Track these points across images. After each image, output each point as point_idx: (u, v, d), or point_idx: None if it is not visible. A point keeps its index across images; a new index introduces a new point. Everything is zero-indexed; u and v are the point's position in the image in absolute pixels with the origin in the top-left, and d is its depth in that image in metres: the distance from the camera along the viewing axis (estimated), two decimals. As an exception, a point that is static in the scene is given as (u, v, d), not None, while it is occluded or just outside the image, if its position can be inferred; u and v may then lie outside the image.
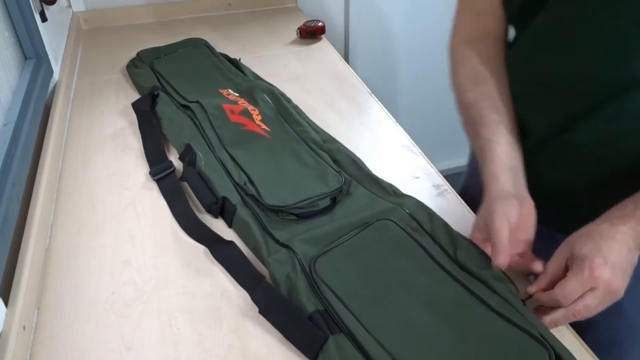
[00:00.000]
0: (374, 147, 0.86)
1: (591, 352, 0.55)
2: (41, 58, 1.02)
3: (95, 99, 1.01)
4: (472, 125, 0.67)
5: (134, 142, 0.88)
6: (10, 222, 0.65)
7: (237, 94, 0.97)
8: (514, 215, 0.57)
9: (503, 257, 0.55)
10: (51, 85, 1.03)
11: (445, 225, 0.66)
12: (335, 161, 0.79)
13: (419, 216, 0.67)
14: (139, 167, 0.82)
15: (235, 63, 1.10)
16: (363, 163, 0.78)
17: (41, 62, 1.01)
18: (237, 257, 0.64)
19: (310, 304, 0.56)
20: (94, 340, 0.56)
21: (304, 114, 0.92)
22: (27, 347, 0.55)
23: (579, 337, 0.56)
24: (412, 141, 0.87)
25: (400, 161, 0.83)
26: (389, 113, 0.95)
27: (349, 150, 0.81)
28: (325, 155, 0.79)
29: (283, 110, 0.91)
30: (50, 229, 0.71)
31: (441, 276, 0.59)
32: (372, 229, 0.65)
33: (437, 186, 0.77)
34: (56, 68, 1.07)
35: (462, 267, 0.60)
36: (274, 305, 0.58)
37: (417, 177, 0.79)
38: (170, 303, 0.60)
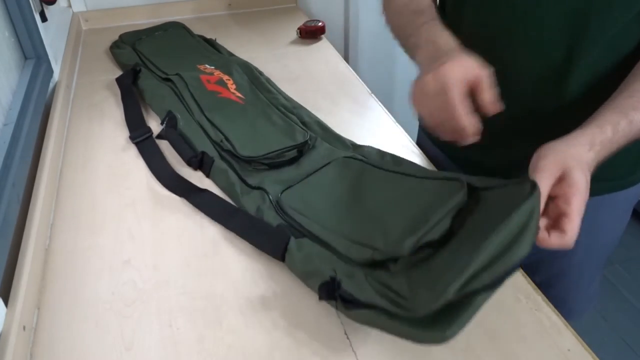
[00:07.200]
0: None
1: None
2: (41, 58, 1.02)
3: (96, 99, 1.01)
4: (406, 24, 0.73)
5: (134, 142, 0.88)
6: (10, 222, 0.65)
7: (212, 67, 1.05)
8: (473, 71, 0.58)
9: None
10: (51, 85, 1.03)
11: (395, 156, 0.76)
12: (302, 122, 0.87)
13: (372, 157, 0.77)
14: (139, 167, 0.82)
15: (211, 43, 1.18)
16: (327, 125, 0.87)
17: (41, 62, 1.01)
18: (212, 199, 0.73)
19: (276, 222, 0.67)
20: (93, 340, 0.56)
21: (274, 84, 1.00)
22: (27, 347, 0.55)
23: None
24: (412, 141, 0.87)
25: (400, 161, 0.83)
26: (389, 113, 0.95)
27: (315, 116, 0.90)
28: (293, 117, 0.89)
29: (255, 80, 1.00)
30: (50, 229, 0.71)
31: (383, 174, 0.71)
32: (330, 166, 0.76)
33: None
34: (56, 68, 1.07)
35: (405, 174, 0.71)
36: (244, 221, 0.68)
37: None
38: (170, 303, 0.60)
